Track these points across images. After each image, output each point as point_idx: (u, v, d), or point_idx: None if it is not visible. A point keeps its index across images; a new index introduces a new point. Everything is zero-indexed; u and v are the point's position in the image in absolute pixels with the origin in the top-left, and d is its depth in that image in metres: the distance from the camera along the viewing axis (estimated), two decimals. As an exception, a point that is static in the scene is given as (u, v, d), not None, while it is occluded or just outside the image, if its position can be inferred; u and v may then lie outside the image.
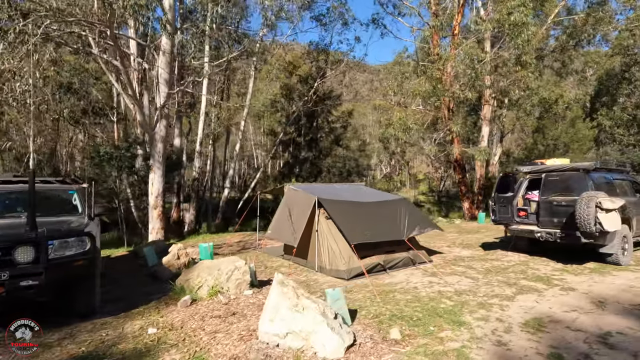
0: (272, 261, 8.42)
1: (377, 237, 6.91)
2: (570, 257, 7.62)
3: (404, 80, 13.97)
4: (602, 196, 6.12)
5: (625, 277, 6.09)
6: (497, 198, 7.81)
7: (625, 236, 7.05)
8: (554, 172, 7.55)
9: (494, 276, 6.42)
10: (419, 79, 12.84)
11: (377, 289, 5.77)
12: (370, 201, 7.95)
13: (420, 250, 8.00)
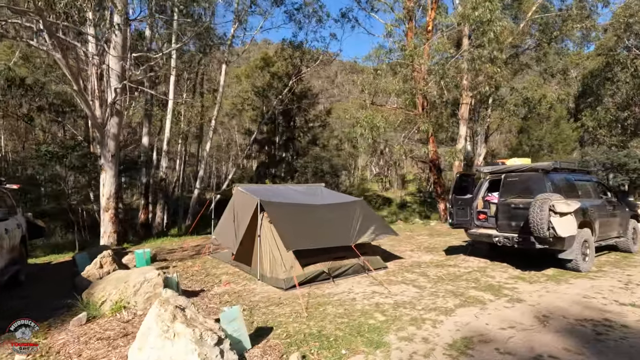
0: (219, 268, 7.85)
1: (322, 242, 6.39)
2: (531, 263, 7.21)
3: (376, 78, 13.48)
4: (557, 199, 5.68)
5: (581, 286, 5.66)
6: (455, 200, 7.35)
7: (587, 241, 6.64)
8: (513, 173, 7.12)
9: (444, 285, 5.95)
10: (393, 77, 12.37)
11: (312, 301, 5.27)
12: (322, 204, 7.44)
13: (375, 256, 7.52)
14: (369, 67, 12.97)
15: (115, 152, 10.78)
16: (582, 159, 24.17)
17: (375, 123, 11.54)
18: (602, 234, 7.23)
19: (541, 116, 37.74)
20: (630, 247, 8.04)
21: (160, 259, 8.71)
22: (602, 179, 8.20)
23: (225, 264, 8.19)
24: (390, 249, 9.79)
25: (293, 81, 19.11)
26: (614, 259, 7.54)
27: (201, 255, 9.33)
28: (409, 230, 14.07)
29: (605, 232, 7.38)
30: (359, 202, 7.84)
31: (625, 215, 7.97)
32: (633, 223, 8.23)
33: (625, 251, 8.16)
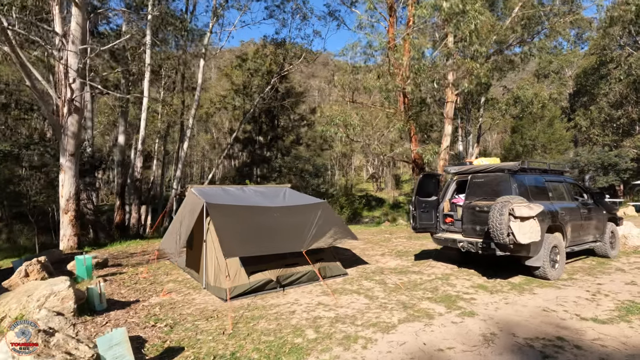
0: (170, 275, 7.38)
1: (270, 249, 5.92)
2: (500, 269, 6.76)
3: (353, 74, 13.01)
4: (518, 202, 5.22)
5: (545, 297, 5.20)
6: (418, 202, 6.87)
7: (556, 246, 6.18)
8: (479, 174, 6.65)
9: (398, 295, 5.48)
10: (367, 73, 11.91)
11: (247, 314, 4.81)
12: (279, 206, 6.95)
13: (334, 262, 7.05)
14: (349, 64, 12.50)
15: (75, 151, 10.29)
16: (573, 158, 23.79)
17: (349, 121, 11.07)
18: (575, 238, 6.77)
19: (534, 116, 37.36)
20: (608, 252, 7.59)
21: (114, 264, 8.23)
22: (578, 180, 7.74)
23: (179, 270, 7.72)
24: (361, 252, 9.35)
25: (275, 79, 18.63)
26: (588, 265, 7.08)
27: (161, 259, 8.85)
28: (389, 233, 13.61)
29: (579, 237, 6.92)
30: (321, 204, 7.35)
31: (602, 218, 7.51)
32: (611, 226, 7.78)
33: (602, 256, 7.71)
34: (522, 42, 14.20)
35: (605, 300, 4.99)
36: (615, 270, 6.60)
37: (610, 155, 21.90)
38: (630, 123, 28.92)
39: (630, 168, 22.11)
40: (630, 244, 8.88)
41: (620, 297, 5.06)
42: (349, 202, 17.36)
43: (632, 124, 29.03)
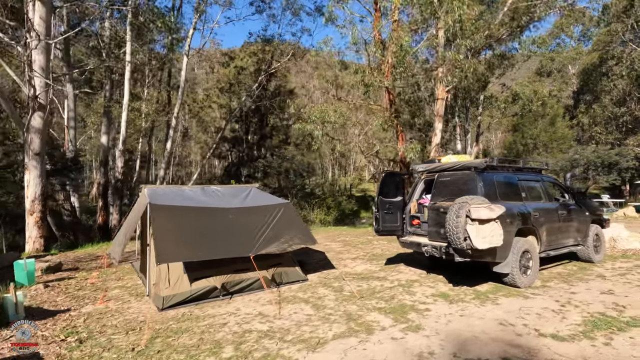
0: (123, 280, 6.99)
1: (213, 253, 5.49)
2: (470, 275, 6.24)
3: (342, 71, 12.55)
4: (478, 202, 4.72)
5: (508, 307, 4.69)
6: (381, 203, 6.39)
7: (528, 251, 5.66)
8: (445, 172, 6.15)
9: (349, 305, 5.01)
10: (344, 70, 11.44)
11: (175, 326, 4.38)
12: (236, 207, 6.51)
13: (292, 267, 6.60)
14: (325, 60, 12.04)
15: (41, 150, 9.96)
16: (573, 157, 23.03)
17: (327, 118, 10.60)
18: (552, 242, 6.24)
19: (535, 114, 36.57)
20: (591, 256, 7.03)
21: (68, 269, 7.86)
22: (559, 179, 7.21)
23: (134, 275, 7.34)
24: (334, 256, 8.90)
25: (262, 77, 18.23)
26: (568, 271, 6.54)
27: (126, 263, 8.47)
28: (372, 234, 13.11)
29: (557, 240, 6.39)
30: (283, 205, 6.88)
31: (585, 220, 6.96)
32: (596, 229, 7.22)
33: (586, 261, 7.16)
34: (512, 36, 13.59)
35: (573, 312, 4.48)
36: (595, 277, 6.06)
37: (611, 154, 21.12)
38: (634, 121, 28.01)
39: (632, 167, 21.32)
40: (619, 247, 8.30)
41: (591, 309, 4.54)
42: (337, 203, 16.89)
43: (635, 122, 28.11)
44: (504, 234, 5.29)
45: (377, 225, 6.39)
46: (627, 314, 4.34)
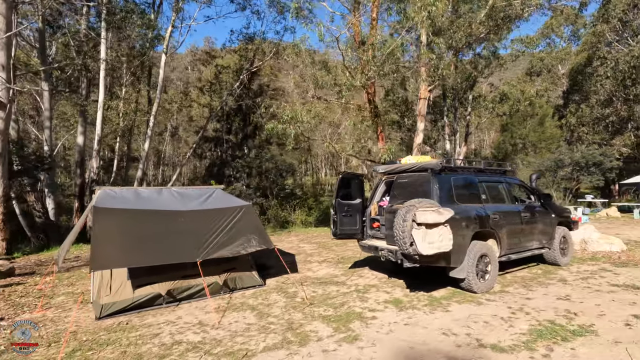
0: (75, 286, 6.75)
1: (156, 259, 5.25)
2: (430, 280, 6.06)
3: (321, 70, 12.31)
4: (427, 206, 4.53)
5: (457, 315, 4.51)
6: (339, 206, 6.19)
7: (485, 255, 5.49)
8: (404, 174, 5.97)
9: (295, 313, 4.81)
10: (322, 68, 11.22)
11: (104, 337, 4.16)
12: (190, 210, 6.27)
13: (248, 272, 6.38)
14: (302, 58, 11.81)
15: (2, 150, 9.63)
16: (558, 157, 23.02)
17: (298, 117, 10.38)
18: (514, 245, 6.08)
19: (524, 114, 36.66)
20: (558, 259, 6.89)
21: (22, 273, 7.58)
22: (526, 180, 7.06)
23: (89, 280, 7.07)
24: (303, 258, 8.72)
25: (244, 75, 17.97)
26: (532, 275, 6.39)
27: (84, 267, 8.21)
28: (350, 236, 12.93)
29: (520, 243, 6.23)
30: (242, 208, 6.63)
31: (550, 222, 6.81)
32: (563, 231, 7.07)
33: (552, 264, 7.02)
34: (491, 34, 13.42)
35: (522, 320, 4.31)
36: (557, 282, 5.90)
37: (595, 154, 21.12)
38: (621, 121, 28.12)
39: (615, 167, 21.34)
40: (590, 250, 8.19)
41: (541, 317, 4.38)
42: (318, 203, 16.69)
43: (622, 122, 28.23)
44: (459, 238, 5.13)
45: (334, 229, 6.19)
46: (576, 321, 4.18)
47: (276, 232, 14.32)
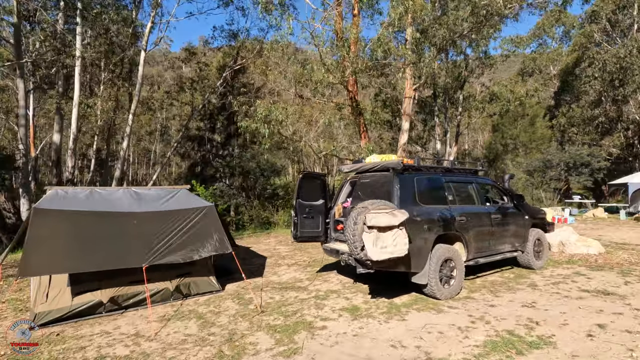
0: (25, 291, 6.34)
1: (97, 264, 4.91)
2: (396, 286, 5.76)
3: (299, 67, 12.00)
4: (381, 208, 4.23)
5: (413, 324, 4.22)
6: (300, 207, 5.88)
7: (451, 259, 5.21)
8: (367, 174, 5.68)
9: (242, 322, 4.50)
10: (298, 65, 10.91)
11: (24, 351, 3.78)
12: (145, 211, 5.92)
13: (205, 277, 6.05)
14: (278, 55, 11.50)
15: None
16: (546, 157, 22.90)
17: (273, 116, 10.06)
18: (482, 249, 5.80)
19: (515, 114, 36.63)
20: (531, 262, 6.63)
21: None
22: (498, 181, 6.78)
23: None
24: (275, 261, 8.41)
25: (227, 73, 17.61)
26: (503, 279, 6.12)
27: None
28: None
29: (490, 247, 5.95)
30: (203, 209, 6.30)
31: (523, 224, 6.55)
32: (537, 233, 6.82)
33: (526, 267, 6.76)
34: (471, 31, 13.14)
35: (480, 330, 4.02)
36: (527, 287, 5.63)
37: (583, 155, 21.00)
38: (610, 122, 28.11)
39: (603, 167, 21.23)
40: (568, 252, 7.95)
41: (501, 326, 4.09)
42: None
43: (611, 123, 28.22)
44: (420, 241, 4.85)
45: (294, 231, 5.88)
46: (536, 332, 3.90)
47: (256, 233, 13.99)
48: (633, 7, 25.44)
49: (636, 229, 12.76)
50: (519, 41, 27.86)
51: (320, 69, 10.01)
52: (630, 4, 25.44)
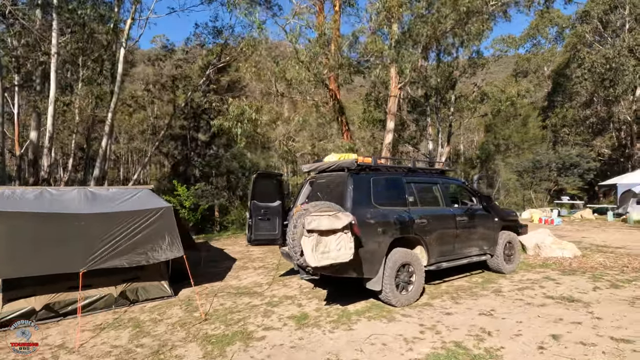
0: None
1: (31, 269, 4.61)
2: (355, 292, 5.48)
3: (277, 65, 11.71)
4: (323, 210, 3.96)
5: (358, 334, 3.95)
6: (255, 208, 5.60)
7: (408, 264, 4.94)
8: (324, 174, 5.40)
9: (179, 332, 4.21)
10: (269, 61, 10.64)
11: None
12: (94, 213, 5.61)
13: (157, 281, 5.76)
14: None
15: None
16: (535, 158, 22.72)
17: (248, 116, 9.78)
18: (445, 253, 5.53)
19: (507, 114, 36.48)
20: (501, 266, 6.37)
21: None
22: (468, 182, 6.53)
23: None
24: (243, 264, 8.15)
25: (210, 71, 17.31)
26: (470, 284, 5.85)
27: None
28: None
29: (454, 250, 5.68)
30: (159, 210, 5.99)
31: (493, 227, 6.30)
32: (508, 236, 6.56)
33: (496, 271, 6.50)
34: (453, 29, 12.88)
35: (427, 341, 3.75)
36: (491, 292, 5.37)
37: (572, 155, 20.82)
38: (602, 122, 27.98)
39: (593, 168, 21.06)
40: (543, 255, 7.70)
41: (451, 336, 3.83)
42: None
43: (603, 123, 28.09)
44: (372, 245, 4.59)
45: (249, 234, 5.60)
46: (486, 344, 3.63)
47: (236, 234, 13.69)
48: (625, 8, 25.29)
49: (622, 230, 12.57)
50: (511, 41, 27.65)
51: (294, 66, 9.73)
52: (622, 5, 25.31)
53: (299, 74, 9.56)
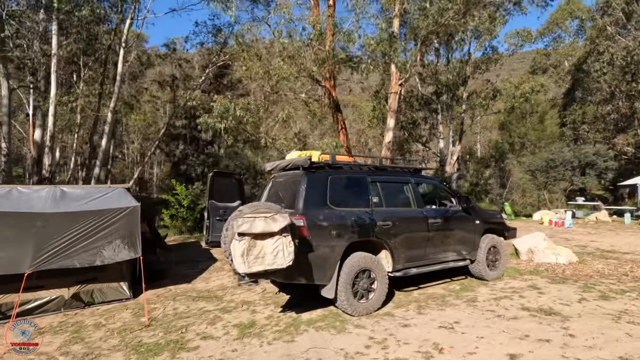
0: None
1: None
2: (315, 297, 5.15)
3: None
4: (259, 211, 3.65)
5: (298, 347, 3.62)
6: (213, 209, 5.34)
7: (368, 270, 4.57)
8: (282, 172, 5.09)
9: (112, 339, 4.01)
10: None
11: None
12: (57, 212, 5.50)
13: (114, 282, 5.59)
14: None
15: None
16: (549, 157, 21.64)
17: (233, 113, 9.56)
18: (415, 258, 5.11)
19: (522, 111, 35.11)
20: (483, 273, 5.90)
21: None
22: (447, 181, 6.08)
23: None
24: (219, 266, 7.86)
25: (210, 69, 17.27)
26: (444, 292, 5.42)
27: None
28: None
29: (427, 256, 5.25)
30: (124, 210, 5.83)
31: (474, 230, 5.83)
32: (492, 240, 6.07)
33: (479, 278, 6.04)
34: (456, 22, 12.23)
35: (370, 357, 3.39)
36: (464, 302, 4.93)
37: (588, 154, 19.69)
38: (623, 119, 26.43)
39: (611, 167, 19.85)
40: (536, 261, 7.15)
41: (397, 353, 3.45)
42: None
43: (624, 120, 26.53)
44: (325, 250, 4.26)
45: (206, 235, 5.35)
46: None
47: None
48: (649, -3, 23.78)
49: (638, 234, 11.71)
50: (526, 35, 26.46)
51: (279, 63, 9.45)
52: (646, -6, 23.79)
53: (280, 70, 9.28)
